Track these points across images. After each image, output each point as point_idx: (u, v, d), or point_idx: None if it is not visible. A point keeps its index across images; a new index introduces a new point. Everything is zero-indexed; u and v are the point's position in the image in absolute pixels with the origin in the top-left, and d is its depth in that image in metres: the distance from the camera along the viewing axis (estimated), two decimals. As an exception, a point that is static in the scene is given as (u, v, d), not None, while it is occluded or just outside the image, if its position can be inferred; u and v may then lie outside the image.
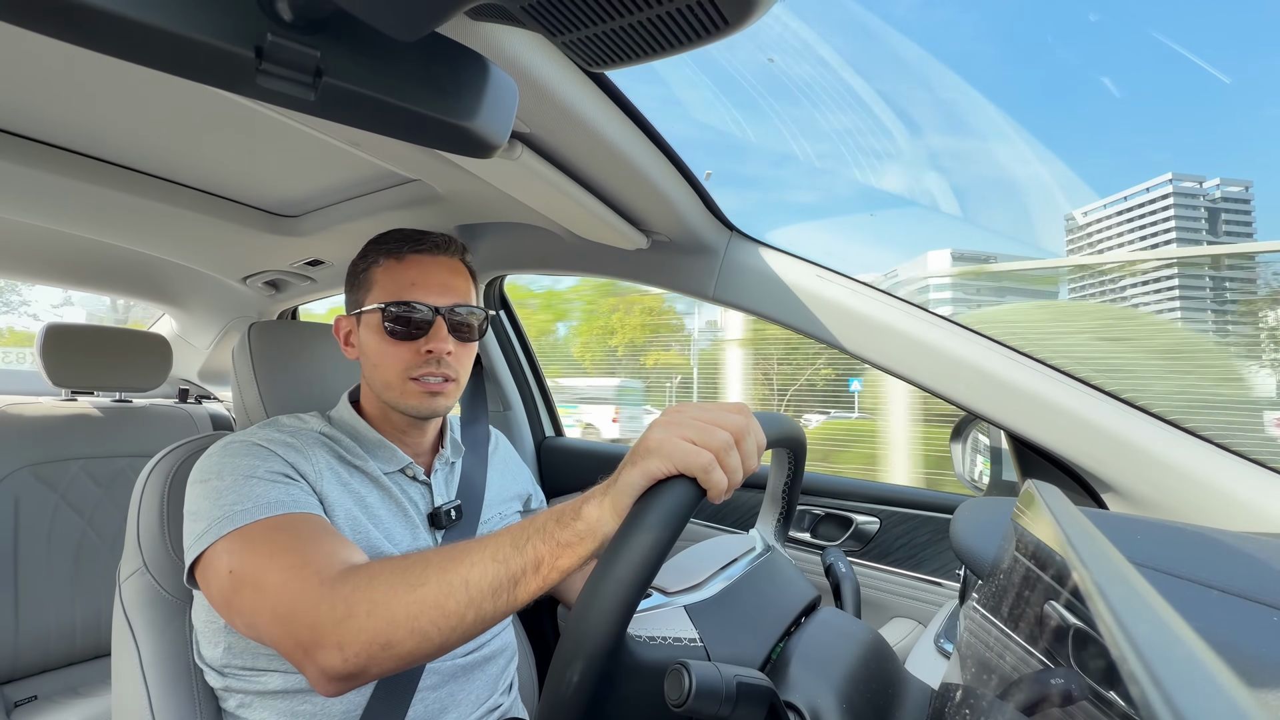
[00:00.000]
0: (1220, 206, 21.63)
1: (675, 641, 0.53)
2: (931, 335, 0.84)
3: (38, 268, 1.64)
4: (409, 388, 0.79)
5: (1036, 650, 0.29)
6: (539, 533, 0.51)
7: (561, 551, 0.50)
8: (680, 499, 0.46)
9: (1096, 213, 23.26)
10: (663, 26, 0.37)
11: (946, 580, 1.02)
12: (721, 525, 1.28)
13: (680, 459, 0.47)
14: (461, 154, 0.44)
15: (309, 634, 0.54)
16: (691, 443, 0.47)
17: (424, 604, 0.51)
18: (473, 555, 0.52)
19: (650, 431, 0.49)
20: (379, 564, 0.57)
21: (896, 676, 0.56)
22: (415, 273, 0.80)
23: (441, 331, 0.78)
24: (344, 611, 0.53)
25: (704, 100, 36.68)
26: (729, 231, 0.99)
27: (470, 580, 0.51)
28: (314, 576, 0.57)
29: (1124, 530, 0.49)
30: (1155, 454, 0.73)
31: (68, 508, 1.46)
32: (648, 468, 0.47)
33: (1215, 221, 21.88)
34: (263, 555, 0.61)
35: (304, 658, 0.55)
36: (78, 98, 0.78)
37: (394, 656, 0.52)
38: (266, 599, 0.58)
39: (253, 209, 1.17)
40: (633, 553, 0.44)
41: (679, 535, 0.46)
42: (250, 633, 0.61)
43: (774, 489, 0.75)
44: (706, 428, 0.48)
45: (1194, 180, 21.59)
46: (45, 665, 1.41)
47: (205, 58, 0.32)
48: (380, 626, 0.52)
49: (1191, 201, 22.07)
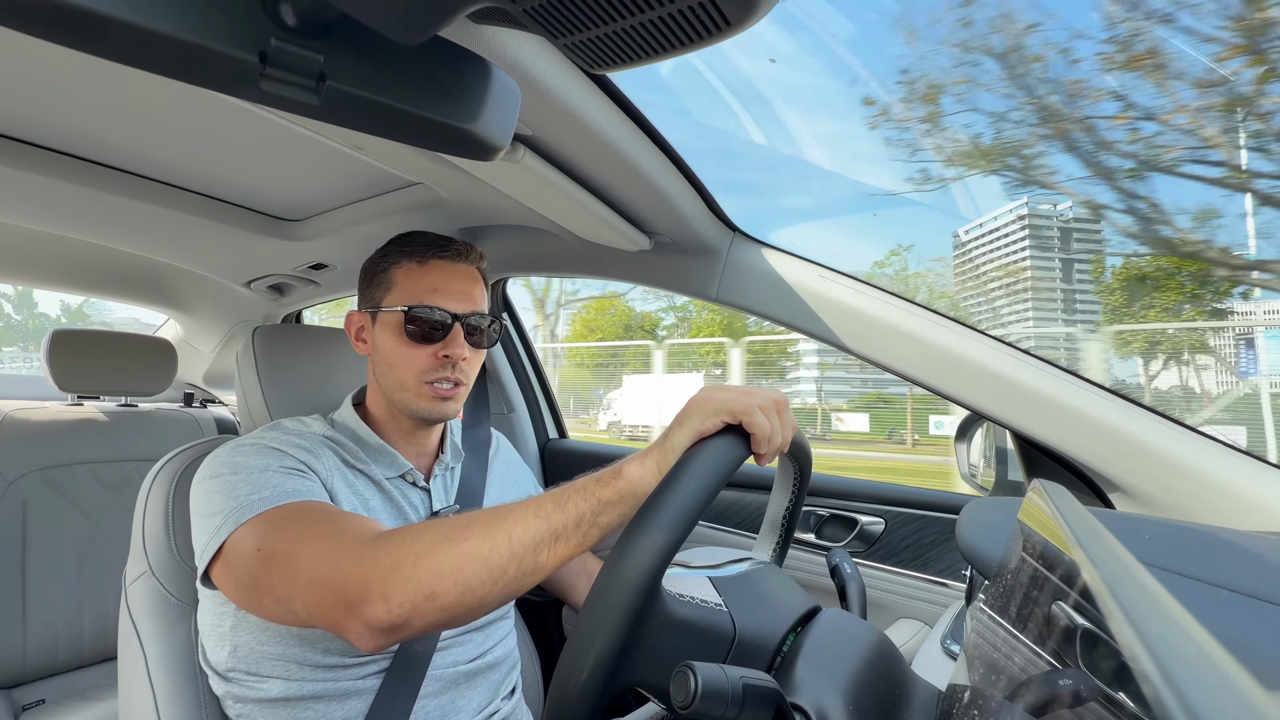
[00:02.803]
0: (1073, 226, 24.00)
1: (704, 603, 0.54)
2: (936, 335, 0.84)
3: (43, 273, 1.64)
4: (423, 390, 0.80)
5: (1044, 651, 0.29)
6: (580, 492, 0.55)
7: (602, 509, 0.53)
8: (726, 447, 0.50)
9: (974, 231, 25.99)
10: (665, 28, 0.37)
11: (953, 581, 1.01)
12: (726, 526, 1.27)
13: (723, 406, 0.51)
14: (464, 157, 0.44)
15: (354, 588, 0.54)
16: (734, 395, 0.52)
17: (469, 555, 0.53)
18: (516, 512, 0.55)
19: (694, 396, 0.54)
20: (420, 524, 0.59)
21: (903, 678, 0.56)
22: (438, 278, 0.81)
23: (459, 338, 0.80)
24: (390, 565, 0.54)
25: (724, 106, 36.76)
26: (731, 232, 0.99)
27: (514, 535, 0.53)
28: (353, 539, 0.58)
29: (1132, 530, 0.49)
30: (1163, 453, 0.73)
31: (75, 512, 1.47)
32: (693, 426, 0.52)
33: (1067, 239, 24.23)
34: (293, 530, 0.61)
35: (346, 615, 0.55)
36: (82, 103, 0.79)
37: (438, 608, 0.53)
38: (304, 566, 0.58)
39: (256, 213, 1.18)
40: (681, 491, 0.45)
41: (723, 484, 0.48)
42: (280, 609, 0.60)
43: (774, 514, 0.75)
44: (749, 390, 0.53)
45: (1049, 203, 24.05)
46: (53, 669, 1.41)
47: (209, 63, 0.33)
48: (425, 577, 0.53)
49: (1045, 222, 24.58)
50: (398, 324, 0.79)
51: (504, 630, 0.89)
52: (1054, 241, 24.50)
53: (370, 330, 0.84)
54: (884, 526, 1.10)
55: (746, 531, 1.23)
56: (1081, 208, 19.65)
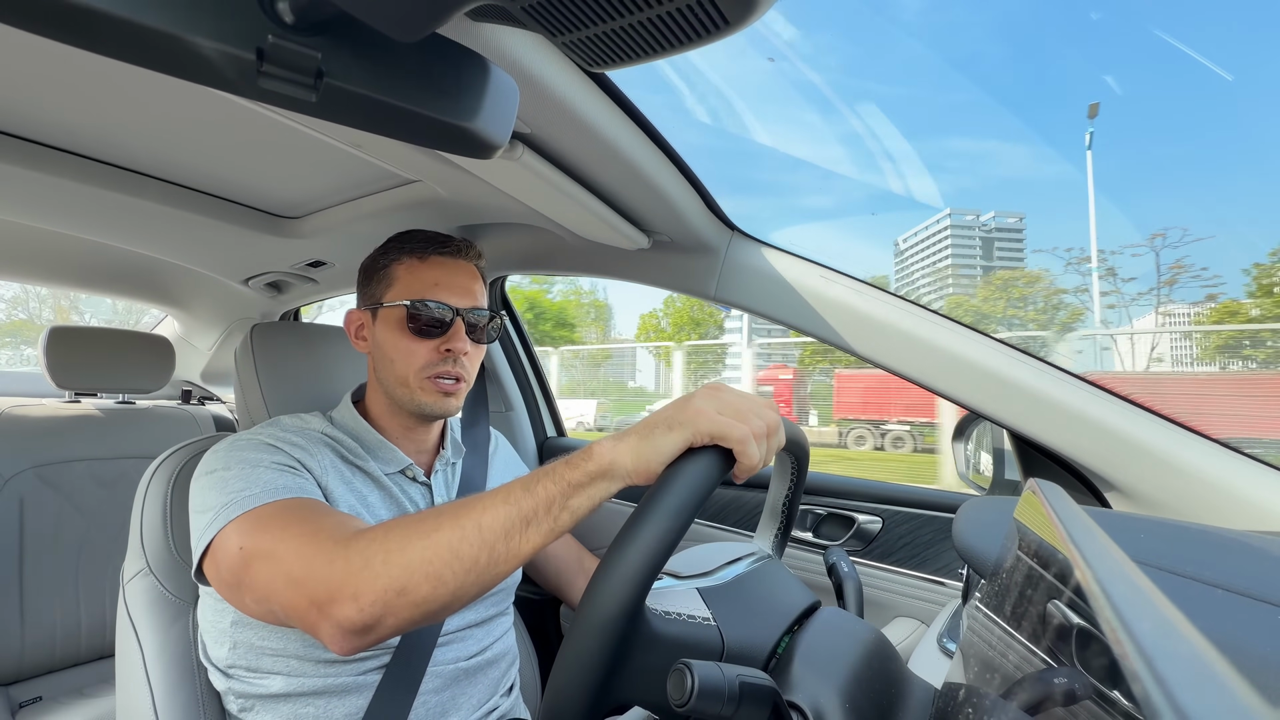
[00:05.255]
0: (994, 236, 25.91)
1: (690, 618, 0.53)
2: (933, 334, 0.84)
3: (41, 270, 1.64)
4: (425, 385, 0.80)
5: (1039, 649, 0.29)
6: (548, 475, 0.53)
7: (572, 491, 0.52)
8: (711, 468, 0.49)
9: (910, 239, 28.02)
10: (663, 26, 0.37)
11: (949, 580, 1.01)
12: (724, 525, 1.28)
13: (720, 429, 0.49)
14: (462, 155, 0.44)
15: (324, 589, 0.54)
16: (733, 419, 0.50)
17: (438, 548, 0.52)
18: (485, 501, 0.54)
19: (692, 401, 0.51)
20: (392, 520, 0.58)
21: (899, 676, 0.56)
22: (439, 273, 0.81)
23: (460, 332, 0.80)
24: (360, 563, 0.54)
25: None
26: (730, 231, 0.99)
27: (483, 523, 0.52)
28: (328, 539, 0.57)
29: (1127, 529, 0.49)
30: (1159, 452, 0.73)
31: (72, 509, 1.47)
32: (685, 435, 0.50)
33: (989, 248, 26.03)
34: (274, 529, 0.61)
35: (319, 616, 0.54)
36: (79, 100, 0.78)
37: (409, 604, 0.52)
38: (281, 566, 0.58)
39: (254, 210, 1.18)
40: (662, 514, 0.44)
41: (705, 502, 0.47)
42: (261, 607, 0.60)
43: (774, 501, 0.75)
44: (748, 412, 0.51)
45: (971, 213, 26.33)
46: (50, 666, 1.41)
47: (206, 60, 0.32)
48: (395, 574, 0.52)
49: (967, 232, 26.56)
50: (400, 319, 0.80)
51: (503, 627, 0.90)
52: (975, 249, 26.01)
53: (370, 327, 0.84)
54: (881, 525, 1.10)
55: (745, 530, 1.24)
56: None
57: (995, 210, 25.66)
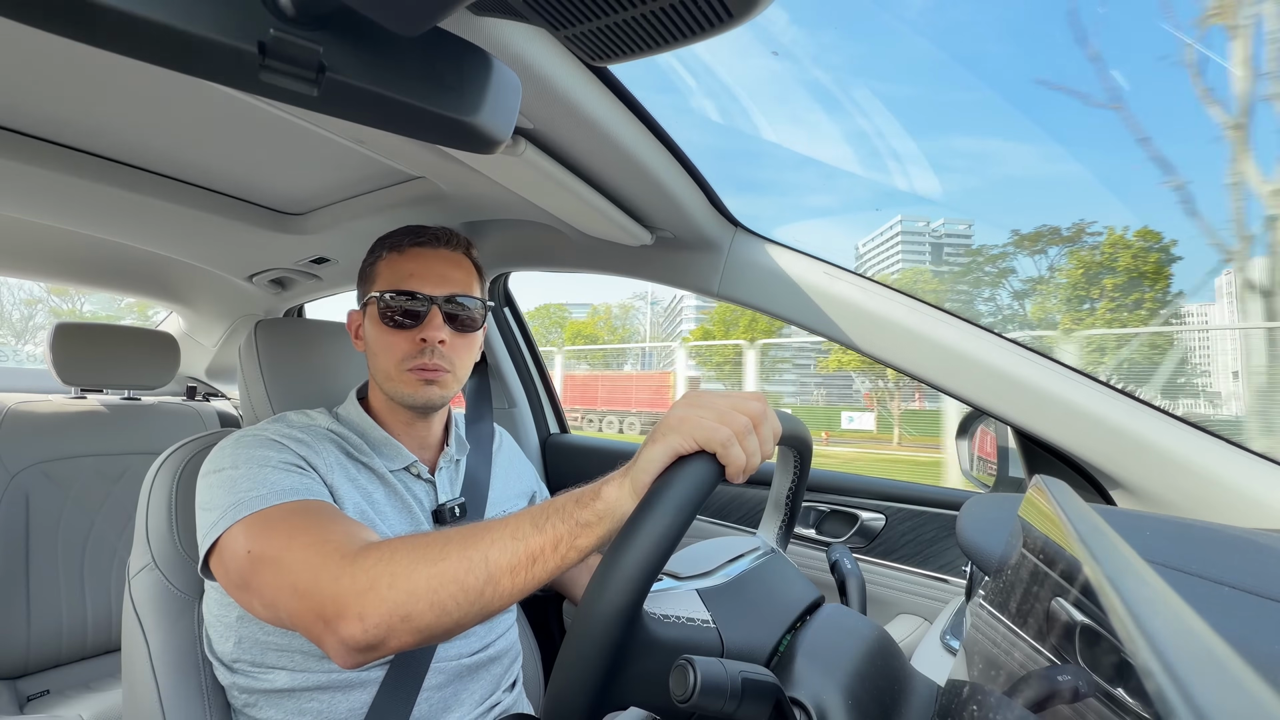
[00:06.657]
0: (944, 241, 27.69)
1: (689, 621, 0.53)
2: (938, 331, 0.83)
3: (45, 266, 1.65)
4: (405, 377, 0.80)
5: (1043, 647, 0.29)
6: (558, 513, 0.53)
7: (580, 531, 0.51)
8: (700, 474, 0.48)
9: (868, 243, 30.23)
10: (666, 19, 0.37)
11: (952, 577, 1.01)
12: (727, 522, 1.27)
13: (701, 434, 0.48)
14: (465, 150, 0.44)
15: (331, 605, 0.54)
16: (712, 422, 0.49)
17: (444, 578, 0.52)
18: (493, 533, 0.53)
19: (672, 411, 0.51)
20: (399, 540, 0.58)
21: (902, 673, 0.56)
22: (414, 264, 0.81)
23: (436, 320, 0.80)
24: (366, 584, 0.54)
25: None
26: (733, 227, 0.98)
27: (490, 557, 0.52)
28: (335, 552, 0.57)
29: (1133, 526, 0.49)
30: (1164, 449, 0.72)
31: (77, 505, 1.48)
32: (670, 444, 0.49)
33: (938, 253, 27.78)
34: (282, 535, 0.61)
35: (324, 630, 0.55)
36: (82, 95, 0.78)
37: (413, 629, 0.53)
38: (287, 575, 0.58)
39: (258, 207, 1.18)
40: (654, 523, 0.44)
41: (698, 510, 0.47)
42: (268, 612, 0.61)
43: (778, 494, 0.75)
44: (727, 410, 0.50)
45: (922, 220, 28.33)
46: (57, 660, 1.42)
47: (208, 54, 0.32)
48: (401, 599, 0.52)
49: (917, 238, 28.48)
50: (377, 312, 0.80)
51: (506, 623, 0.90)
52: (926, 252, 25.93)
53: (364, 326, 0.85)
54: (884, 522, 1.10)
55: (748, 527, 1.24)
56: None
57: (945, 218, 27.79)
